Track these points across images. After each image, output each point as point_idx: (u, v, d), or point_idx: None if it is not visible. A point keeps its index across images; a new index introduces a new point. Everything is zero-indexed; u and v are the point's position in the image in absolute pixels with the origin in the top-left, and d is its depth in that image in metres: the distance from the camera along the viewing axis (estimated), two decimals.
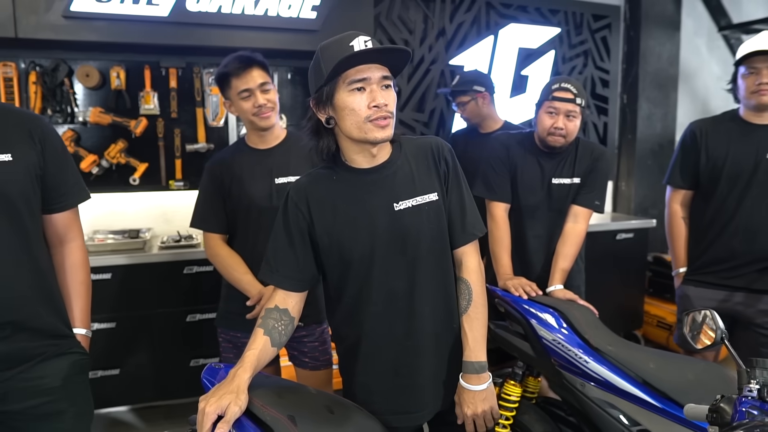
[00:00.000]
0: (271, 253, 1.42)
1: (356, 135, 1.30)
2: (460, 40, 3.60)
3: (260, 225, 2.01)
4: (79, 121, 2.92)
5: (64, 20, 2.62)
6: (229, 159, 2.08)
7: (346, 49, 1.24)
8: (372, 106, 1.26)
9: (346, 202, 1.37)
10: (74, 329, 1.55)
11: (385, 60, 1.29)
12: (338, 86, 1.27)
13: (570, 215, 2.31)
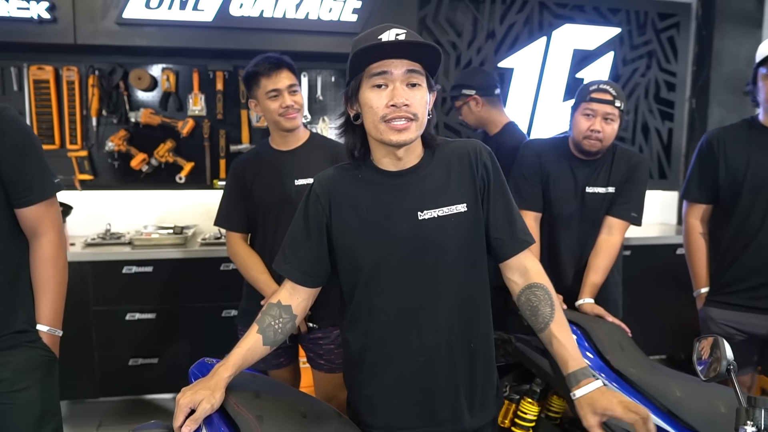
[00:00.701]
0: (287, 243, 1.37)
1: (374, 135, 1.23)
2: (510, 42, 3.48)
3: (279, 225, 2.03)
4: (132, 121, 3.08)
5: (117, 27, 2.79)
6: (252, 159, 2.11)
7: (374, 41, 1.16)
8: (389, 105, 1.17)
9: (368, 203, 1.30)
10: (38, 326, 1.51)
11: (414, 56, 1.18)
12: (362, 80, 1.20)
13: (604, 226, 2.18)
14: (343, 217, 1.30)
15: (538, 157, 2.28)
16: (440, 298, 1.30)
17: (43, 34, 2.74)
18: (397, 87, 1.17)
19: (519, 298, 1.36)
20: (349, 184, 1.32)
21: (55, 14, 2.73)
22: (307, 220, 1.33)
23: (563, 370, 1.27)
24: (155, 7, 2.77)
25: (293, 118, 2.00)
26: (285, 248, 1.37)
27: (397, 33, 1.16)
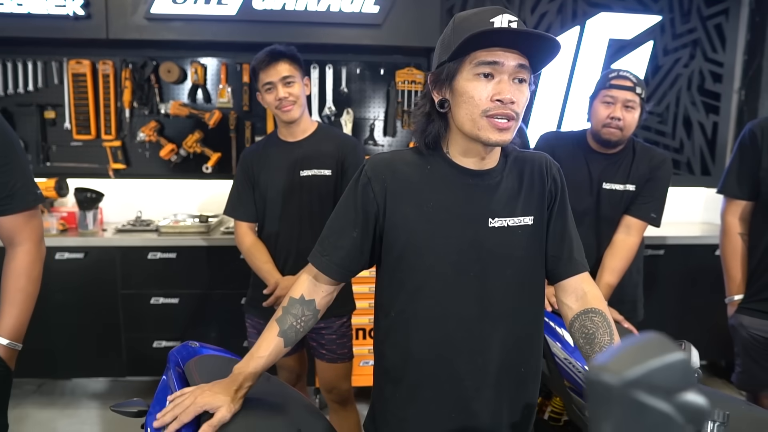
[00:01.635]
0: (328, 233, 1.23)
1: (468, 129, 1.10)
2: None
3: (284, 215, 2.10)
4: (162, 113, 3.20)
5: (146, 21, 2.90)
6: (260, 150, 2.15)
7: (485, 25, 1.04)
8: (495, 99, 1.05)
9: (436, 198, 1.15)
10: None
11: (528, 50, 1.07)
12: (463, 66, 1.07)
13: (622, 226, 2.10)
14: (401, 209, 1.15)
15: (552, 150, 2.19)
16: (496, 315, 1.17)
17: (79, 29, 2.88)
18: (505, 81, 1.06)
19: (572, 324, 1.23)
20: (416, 171, 1.17)
21: (89, 11, 2.86)
22: (356, 205, 1.17)
23: None
24: (181, 2, 2.86)
25: (288, 110, 2.02)
26: (324, 240, 1.22)
27: (509, 20, 1.05)
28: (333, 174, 2.11)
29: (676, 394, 0.46)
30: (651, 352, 0.46)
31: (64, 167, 3.24)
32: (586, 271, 1.27)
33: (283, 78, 2.00)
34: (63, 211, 3.08)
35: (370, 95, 3.38)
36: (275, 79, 1.99)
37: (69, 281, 2.88)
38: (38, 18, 2.86)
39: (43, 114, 3.19)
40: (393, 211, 1.15)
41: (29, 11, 2.84)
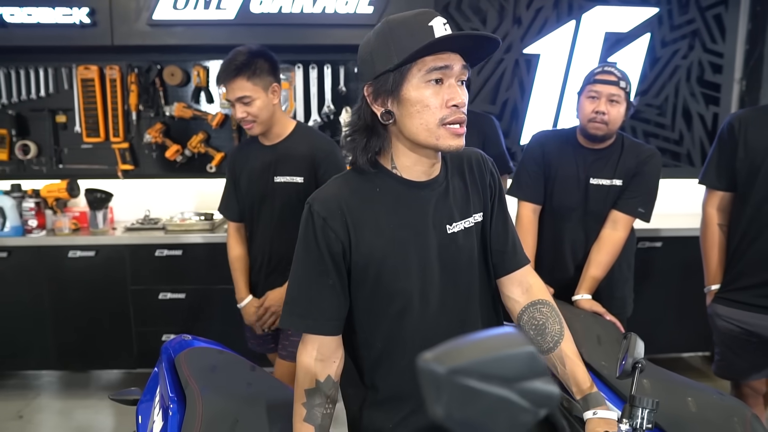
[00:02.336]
0: (298, 294, 1.12)
1: (423, 139, 1.05)
2: (538, 27, 3.40)
3: (256, 221, 2.12)
4: (167, 115, 3.31)
5: (149, 28, 3.00)
6: (243, 151, 2.15)
7: (425, 30, 1.00)
8: (450, 105, 1.02)
9: (394, 219, 1.10)
10: None
11: (468, 51, 1.05)
12: (410, 74, 1.02)
13: (609, 221, 2.13)
14: (364, 239, 1.09)
15: (541, 147, 2.25)
16: (477, 317, 1.18)
17: (86, 37, 3.00)
18: (454, 84, 1.03)
19: (521, 316, 1.25)
20: (365, 197, 1.11)
21: (94, 18, 2.98)
22: (320, 251, 1.09)
23: (577, 391, 1.17)
24: (182, 7, 2.96)
25: (249, 128, 1.99)
26: (297, 300, 1.12)
27: (443, 21, 1.03)
28: (305, 181, 2.04)
29: (520, 382, 0.53)
30: (492, 344, 0.53)
31: (76, 169, 3.38)
32: (529, 263, 1.30)
33: (239, 98, 1.91)
34: (75, 211, 3.22)
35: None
36: (232, 99, 1.93)
37: (81, 278, 3.02)
38: (47, 27, 2.99)
39: (54, 118, 3.33)
40: (358, 244, 1.09)
41: (39, 21, 2.97)
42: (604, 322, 1.94)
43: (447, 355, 0.52)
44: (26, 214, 3.01)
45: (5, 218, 2.96)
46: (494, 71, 3.44)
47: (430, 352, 0.53)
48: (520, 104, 3.47)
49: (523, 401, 0.53)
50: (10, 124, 3.27)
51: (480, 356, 0.52)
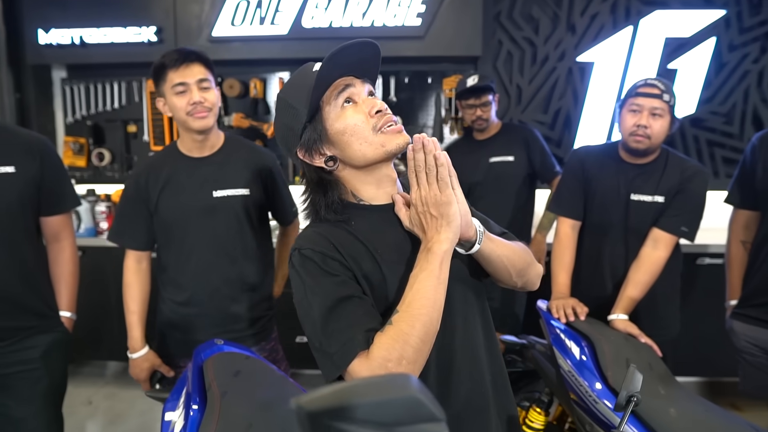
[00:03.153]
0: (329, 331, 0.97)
1: (372, 155, 1.05)
2: (593, 34, 3.30)
3: (196, 241, 1.84)
4: (226, 125, 3.50)
5: (209, 43, 3.19)
6: (158, 167, 1.85)
7: (312, 76, 1.02)
8: (374, 113, 1.03)
9: (377, 246, 1.07)
10: (60, 312, 1.83)
11: (359, 67, 1.07)
12: (324, 113, 1.05)
13: (649, 239, 2.06)
14: (363, 269, 1.05)
15: (581, 163, 2.22)
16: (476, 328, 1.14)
17: (153, 53, 3.18)
18: (367, 99, 1.06)
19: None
20: (345, 235, 1.07)
21: (161, 36, 3.21)
22: (333, 276, 1.01)
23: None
24: (239, 24, 3.13)
25: (203, 117, 1.75)
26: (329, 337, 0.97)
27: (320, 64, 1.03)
28: (251, 192, 1.87)
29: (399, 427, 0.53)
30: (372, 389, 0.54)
31: None
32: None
33: (199, 81, 1.74)
34: None
35: (419, 103, 3.48)
36: (190, 81, 1.73)
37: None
38: (120, 46, 3.25)
39: (126, 128, 3.60)
40: (360, 273, 1.04)
41: (112, 40, 3.24)
42: (637, 345, 1.89)
43: (319, 398, 0.54)
44: (98, 216, 3.28)
45: (80, 220, 3.25)
46: (546, 80, 3.38)
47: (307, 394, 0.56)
48: (573, 113, 3.38)
49: None
50: (87, 133, 3.58)
51: (352, 400, 0.53)
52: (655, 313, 2.14)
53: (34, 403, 1.78)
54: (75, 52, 3.31)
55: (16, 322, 1.73)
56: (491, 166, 2.74)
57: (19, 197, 1.72)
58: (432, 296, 0.95)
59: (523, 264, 1.17)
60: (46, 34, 3.28)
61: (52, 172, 1.80)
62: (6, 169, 1.69)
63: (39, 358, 1.76)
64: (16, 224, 1.73)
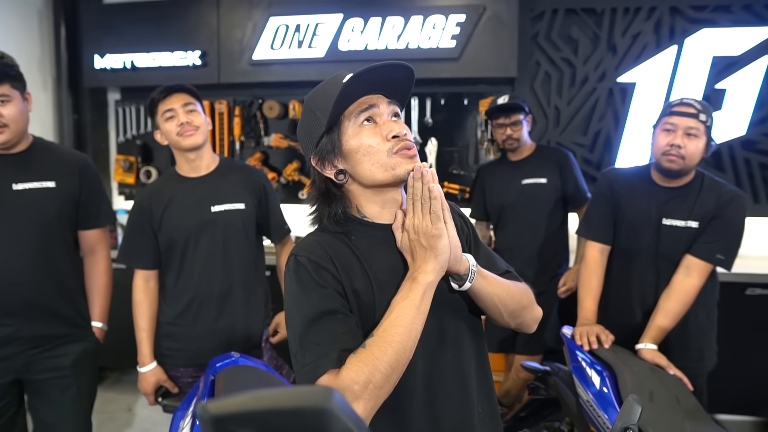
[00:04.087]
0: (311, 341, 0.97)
1: (381, 177, 1.04)
2: (635, 54, 3.21)
3: (197, 256, 1.96)
4: (265, 145, 3.60)
5: (250, 67, 3.31)
6: (158, 190, 1.98)
7: (340, 86, 1.01)
8: (391, 137, 1.04)
9: (374, 264, 1.07)
10: (92, 322, 1.95)
11: (389, 90, 1.07)
12: (343, 128, 1.05)
13: (682, 266, 1.97)
14: (354, 286, 1.04)
15: (611, 185, 2.15)
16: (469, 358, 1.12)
17: (198, 76, 3.38)
18: (388, 121, 1.05)
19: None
20: (342, 249, 1.07)
21: (205, 60, 3.37)
22: (323, 291, 1.01)
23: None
24: (278, 48, 3.24)
25: (190, 134, 1.90)
26: (312, 346, 0.97)
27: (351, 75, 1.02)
28: (247, 207, 2.00)
29: None
30: (283, 398, 0.54)
31: None
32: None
33: (185, 105, 1.91)
34: None
35: (455, 125, 3.48)
36: (176, 106, 1.89)
37: None
38: (167, 69, 3.43)
39: None
40: (350, 289, 1.04)
41: (160, 64, 3.43)
42: (664, 377, 1.79)
43: (227, 403, 0.54)
44: None
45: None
46: (586, 101, 3.30)
47: (218, 399, 0.55)
48: (613, 135, 3.29)
49: None
50: (137, 152, 3.77)
51: (260, 407, 0.53)
52: (688, 344, 2.03)
53: (64, 409, 1.88)
54: (127, 75, 3.51)
55: (51, 330, 1.83)
56: (523, 188, 2.69)
57: (57, 211, 1.83)
58: (409, 325, 0.96)
59: (517, 306, 1.14)
60: (101, 59, 3.50)
61: (90, 189, 1.93)
62: (47, 184, 1.82)
63: (69, 365, 1.86)
64: (54, 236, 1.84)
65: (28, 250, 1.77)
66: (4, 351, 1.77)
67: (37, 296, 1.79)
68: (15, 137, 1.78)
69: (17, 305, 1.77)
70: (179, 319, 1.99)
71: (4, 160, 1.78)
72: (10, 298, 1.76)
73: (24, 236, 1.77)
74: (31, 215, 1.78)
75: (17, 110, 1.76)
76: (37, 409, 1.89)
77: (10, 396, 1.83)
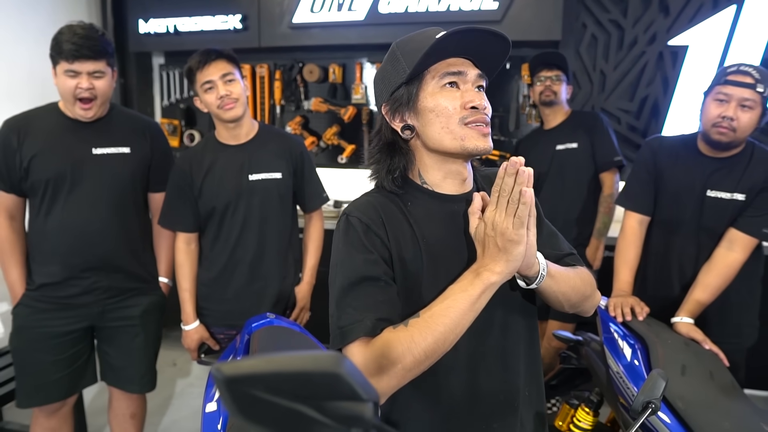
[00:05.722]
0: (348, 301, 0.97)
1: (448, 144, 1.01)
2: (689, 15, 3.05)
3: (234, 223, 2.02)
4: (305, 109, 3.62)
5: (290, 30, 3.31)
6: (199, 155, 2.03)
7: (434, 39, 0.97)
8: (469, 107, 1.00)
9: (428, 234, 1.04)
10: (159, 278, 2.13)
11: (480, 58, 1.04)
12: (424, 83, 1.02)
13: (724, 239, 1.92)
14: (401, 255, 1.02)
15: (654, 154, 2.09)
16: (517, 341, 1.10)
17: (239, 40, 3.40)
18: (471, 90, 1.02)
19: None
20: (396, 213, 1.05)
21: (246, 24, 3.38)
22: (369, 255, 0.99)
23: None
24: (318, 11, 3.22)
25: (230, 108, 1.93)
26: (348, 308, 0.97)
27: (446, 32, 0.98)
28: (283, 176, 2.05)
29: (319, 401, 0.55)
30: (295, 362, 0.56)
31: None
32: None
33: (223, 75, 1.91)
34: None
35: (497, 89, 3.40)
36: (215, 77, 1.90)
37: None
38: (209, 33, 3.46)
39: None
40: (398, 255, 1.02)
41: (202, 28, 3.46)
42: (699, 351, 1.77)
43: (239, 365, 0.56)
44: None
45: None
46: (634, 65, 3.18)
47: (232, 361, 0.58)
48: (661, 102, 3.16)
49: (324, 418, 0.55)
50: (180, 116, 3.85)
51: (270, 369, 0.55)
52: (728, 319, 1.99)
53: (132, 354, 2.06)
54: (170, 39, 3.56)
55: (123, 284, 2.00)
56: (556, 153, 2.66)
57: (131, 175, 1.97)
58: (457, 318, 0.92)
59: (579, 298, 1.11)
60: (145, 23, 3.56)
61: (160, 154, 2.07)
62: (123, 149, 1.95)
63: (138, 316, 2.03)
64: (128, 199, 1.98)
65: (106, 211, 1.92)
66: (83, 299, 1.94)
67: (112, 253, 1.95)
68: (102, 110, 1.91)
69: (95, 261, 1.93)
70: (214, 281, 2.07)
71: (86, 126, 1.91)
72: (90, 255, 1.92)
73: (102, 198, 1.92)
74: (108, 179, 1.92)
75: (108, 85, 1.87)
76: (107, 353, 2.07)
77: (85, 342, 2.02)
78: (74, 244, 1.89)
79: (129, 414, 2.14)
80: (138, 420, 2.17)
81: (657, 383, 1.02)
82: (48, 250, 1.91)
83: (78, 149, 1.88)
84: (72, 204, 1.88)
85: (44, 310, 1.93)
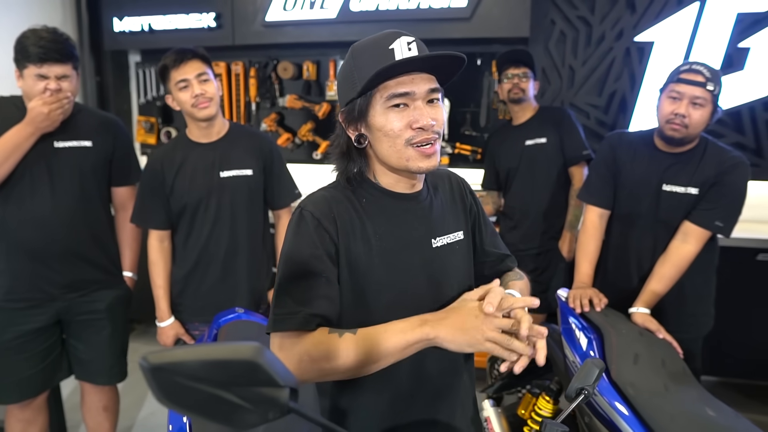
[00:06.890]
0: (288, 291, 1.01)
1: (395, 162, 1.06)
2: (655, 12, 3.11)
3: (206, 219, 2.05)
4: (280, 106, 3.65)
5: (263, 28, 3.34)
6: (170, 153, 2.06)
7: (385, 54, 1.00)
8: (415, 128, 1.02)
9: (380, 229, 1.09)
10: (123, 271, 2.14)
11: (434, 68, 1.04)
12: (373, 100, 1.03)
13: (679, 232, 2.00)
14: (351, 249, 1.06)
15: (613, 150, 2.16)
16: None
17: (213, 38, 3.43)
18: (420, 106, 1.02)
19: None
20: (351, 208, 1.09)
21: (220, 22, 3.41)
22: (315, 249, 1.03)
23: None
24: (290, 9, 3.24)
25: (205, 107, 1.96)
26: (285, 299, 1.01)
27: (407, 41, 1.02)
28: (254, 173, 2.09)
29: (239, 387, 0.61)
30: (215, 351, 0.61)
31: None
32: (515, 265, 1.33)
33: (198, 75, 1.95)
34: None
35: (467, 86, 3.45)
36: (190, 76, 1.93)
37: None
38: (183, 31, 3.48)
39: None
40: (345, 252, 1.06)
41: (176, 27, 3.48)
42: (653, 340, 1.84)
43: (164, 355, 0.61)
44: None
45: None
46: (602, 61, 3.23)
47: (158, 350, 0.63)
48: (629, 96, 3.22)
49: (244, 403, 0.61)
50: (157, 113, 3.86)
51: (193, 358, 0.61)
52: (683, 309, 2.06)
53: (100, 347, 2.10)
54: (145, 38, 3.58)
55: (87, 276, 2.03)
56: (525, 149, 2.72)
57: (93, 168, 2.00)
58: (385, 353, 0.97)
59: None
60: (120, 21, 3.57)
61: (122, 149, 2.11)
62: (84, 143, 1.99)
63: (104, 309, 2.07)
64: (91, 191, 2.01)
65: (68, 203, 1.96)
66: (49, 292, 1.98)
67: (75, 245, 1.99)
68: (71, 109, 1.95)
69: (58, 252, 1.96)
70: (187, 277, 2.11)
71: None
72: (52, 246, 1.95)
73: (64, 191, 1.95)
74: (69, 171, 1.96)
75: (75, 87, 1.94)
76: (75, 347, 2.11)
77: (55, 336, 2.06)
78: (36, 235, 1.93)
79: (101, 407, 2.19)
80: (111, 413, 2.21)
81: (590, 371, 1.08)
82: (13, 242, 1.94)
83: (40, 142, 1.90)
84: (34, 196, 1.92)
85: (12, 309, 1.97)
